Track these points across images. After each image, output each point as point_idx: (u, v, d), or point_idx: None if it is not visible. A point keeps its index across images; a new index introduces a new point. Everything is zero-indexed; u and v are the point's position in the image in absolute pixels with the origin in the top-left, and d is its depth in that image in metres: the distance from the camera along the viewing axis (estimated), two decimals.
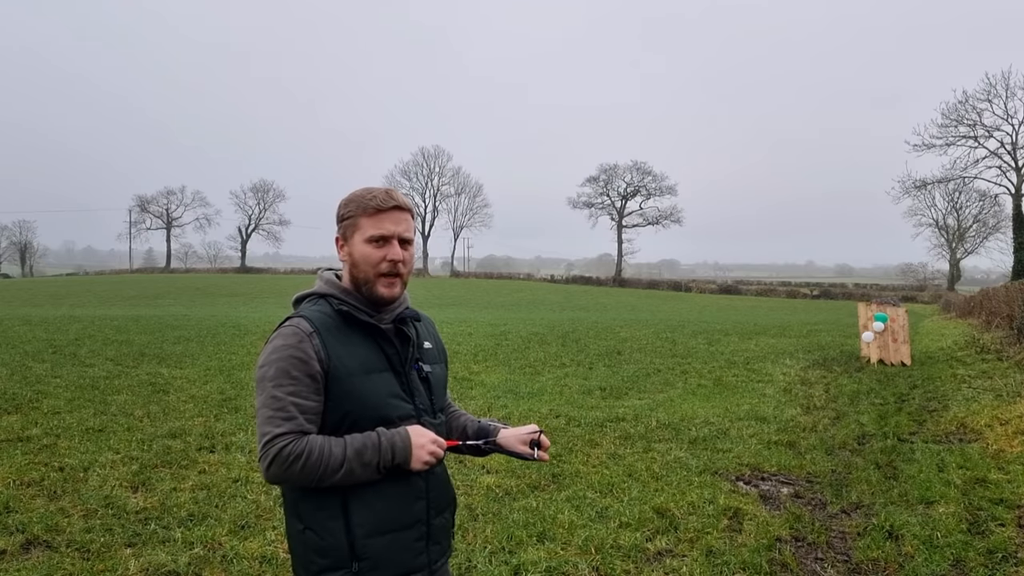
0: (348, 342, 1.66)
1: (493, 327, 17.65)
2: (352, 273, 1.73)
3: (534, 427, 1.84)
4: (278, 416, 1.58)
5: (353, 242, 1.72)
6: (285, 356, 1.61)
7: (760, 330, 18.38)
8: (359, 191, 1.75)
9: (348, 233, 1.72)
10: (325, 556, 1.63)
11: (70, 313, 21.65)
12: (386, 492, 1.66)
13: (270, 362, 1.62)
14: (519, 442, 1.81)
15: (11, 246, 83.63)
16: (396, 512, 1.68)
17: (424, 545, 1.73)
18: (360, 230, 1.71)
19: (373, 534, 1.64)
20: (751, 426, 6.99)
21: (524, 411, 7.42)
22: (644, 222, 71.85)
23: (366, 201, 1.71)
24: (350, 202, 1.73)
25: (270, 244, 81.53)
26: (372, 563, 1.64)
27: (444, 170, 77.80)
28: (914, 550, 3.87)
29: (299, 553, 1.67)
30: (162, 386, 8.46)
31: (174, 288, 41.91)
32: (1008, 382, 8.70)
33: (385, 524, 1.66)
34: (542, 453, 1.82)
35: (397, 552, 1.68)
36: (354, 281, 1.73)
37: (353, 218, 1.71)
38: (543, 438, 1.83)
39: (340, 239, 1.75)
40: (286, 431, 1.57)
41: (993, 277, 73.09)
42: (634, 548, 3.85)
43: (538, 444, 1.81)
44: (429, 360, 1.81)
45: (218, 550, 3.73)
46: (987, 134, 42.36)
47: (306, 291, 1.80)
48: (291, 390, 1.59)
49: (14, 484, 4.68)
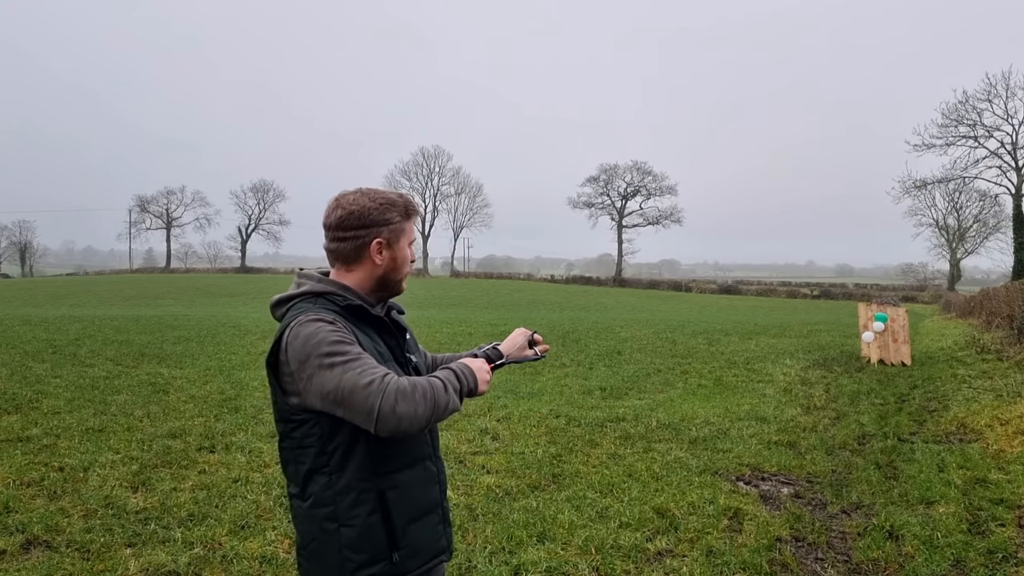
0: (361, 335, 1.70)
1: (493, 327, 17.65)
2: (388, 276, 1.79)
3: (523, 330, 1.99)
4: (369, 367, 1.56)
5: (400, 246, 1.79)
6: (329, 332, 1.59)
7: (760, 330, 18.38)
8: (381, 195, 1.79)
9: (394, 238, 1.78)
10: (362, 551, 1.64)
11: (70, 313, 21.65)
12: (413, 480, 1.73)
13: (320, 341, 1.57)
14: (520, 350, 1.96)
15: (11, 246, 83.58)
16: (422, 498, 1.75)
17: (443, 528, 1.83)
18: (406, 235, 1.80)
19: (409, 522, 1.71)
20: (751, 426, 6.98)
21: (524, 411, 7.41)
22: (644, 222, 71.85)
23: (407, 207, 1.80)
24: (391, 207, 1.77)
25: (270, 244, 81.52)
26: (410, 550, 1.70)
27: (444, 170, 77.85)
28: (914, 550, 3.87)
29: (329, 555, 1.65)
30: (162, 386, 8.46)
31: (174, 288, 41.91)
32: (1008, 382, 8.70)
33: (416, 511, 1.73)
34: (543, 348, 2.00)
35: (427, 537, 1.75)
36: (383, 282, 1.79)
37: (400, 223, 1.78)
38: (536, 336, 2.00)
39: (383, 242, 1.77)
40: (387, 372, 1.56)
41: (993, 277, 73.06)
42: (634, 548, 3.84)
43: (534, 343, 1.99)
44: (412, 350, 1.89)
45: (218, 550, 3.73)
46: (987, 134, 42.35)
47: (292, 292, 1.76)
48: (359, 351, 1.59)
49: (14, 484, 4.68)
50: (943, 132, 42.96)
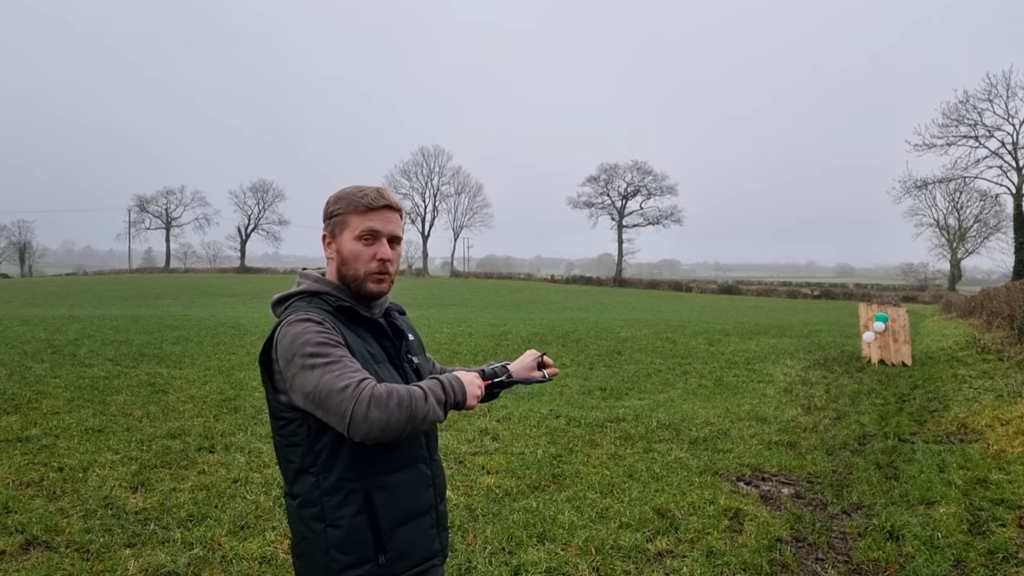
0: (351, 335, 1.68)
1: (493, 327, 17.65)
2: (340, 270, 1.74)
3: (534, 352, 1.96)
4: (348, 370, 1.54)
5: (342, 239, 1.72)
6: (315, 333, 1.58)
7: (761, 330, 18.37)
8: (349, 188, 1.75)
9: (337, 230, 1.73)
10: (349, 552, 1.62)
11: (69, 313, 21.65)
12: (404, 482, 1.70)
13: (304, 342, 1.56)
14: (528, 371, 1.93)
15: (10, 246, 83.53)
16: (413, 501, 1.72)
17: (436, 532, 1.79)
18: (349, 227, 1.71)
19: (396, 524, 1.68)
20: (752, 426, 6.98)
21: (524, 411, 7.41)
22: (644, 222, 71.87)
23: (357, 199, 1.72)
24: (340, 199, 1.73)
25: (269, 244, 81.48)
26: (397, 553, 1.68)
27: (444, 170, 77.80)
28: (915, 550, 3.86)
29: (317, 555, 1.64)
30: (161, 386, 8.45)
31: (173, 288, 41.91)
32: (1009, 382, 8.69)
33: (406, 514, 1.70)
34: (552, 371, 1.96)
35: (417, 540, 1.72)
36: (342, 278, 1.74)
37: (343, 215, 1.72)
38: (546, 359, 1.96)
39: (328, 236, 1.75)
40: (365, 376, 1.54)
41: (994, 277, 73.01)
42: (634, 549, 3.84)
43: (543, 365, 1.96)
44: (414, 351, 1.87)
45: (217, 550, 3.72)
46: (988, 134, 42.37)
47: (291, 290, 1.76)
48: (342, 353, 1.58)
49: (13, 484, 4.67)
50: (944, 132, 43.01)
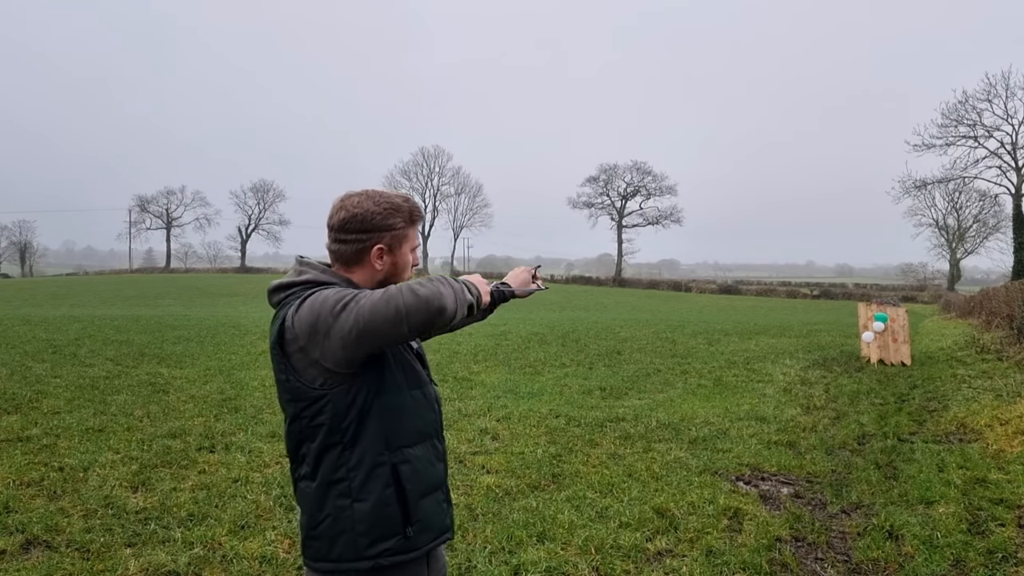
0: None
1: (493, 327, 17.65)
2: (386, 281, 1.80)
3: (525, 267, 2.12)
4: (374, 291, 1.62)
5: (401, 252, 1.80)
6: (333, 293, 1.63)
7: (760, 330, 18.38)
8: (386, 198, 1.78)
9: (396, 243, 1.79)
10: (377, 526, 1.65)
11: (70, 313, 21.65)
12: (423, 456, 1.76)
13: (324, 300, 1.62)
14: (525, 284, 2.06)
15: (11, 246, 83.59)
16: (432, 474, 1.78)
17: (447, 507, 1.85)
18: (408, 241, 1.81)
19: (421, 496, 1.73)
20: (751, 426, 6.98)
21: (524, 411, 7.41)
22: (644, 222, 71.83)
23: (410, 212, 1.80)
24: (394, 212, 1.77)
25: (270, 244, 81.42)
26: (422, 525, 1.72)
27: (444, 170, 77.83)
28: (914, 550, 3.87)
29: (342, 532, 1.65)
30: (162, 386, 8.46)
31: (174, 288, 41.92)
32: (1008, 382, 8.70)
33: (426, 486, 1.75)
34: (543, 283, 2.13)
35: (435, 512, 1.78)
36: (381, 286, 1.77)
37: (403, 229, 1.79)
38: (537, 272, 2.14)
39: (385, 248, 1.77)
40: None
41: (993, 277, 73.00)
42: (634, 548, 3.85)
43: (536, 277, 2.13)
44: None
45: (218, 550, 3.73)
46: (987, 134, 42.40)
47: (293, 279, 1.75)
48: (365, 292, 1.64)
49: (14, 484, 4.67)
50: (943, 132, 43.05)
